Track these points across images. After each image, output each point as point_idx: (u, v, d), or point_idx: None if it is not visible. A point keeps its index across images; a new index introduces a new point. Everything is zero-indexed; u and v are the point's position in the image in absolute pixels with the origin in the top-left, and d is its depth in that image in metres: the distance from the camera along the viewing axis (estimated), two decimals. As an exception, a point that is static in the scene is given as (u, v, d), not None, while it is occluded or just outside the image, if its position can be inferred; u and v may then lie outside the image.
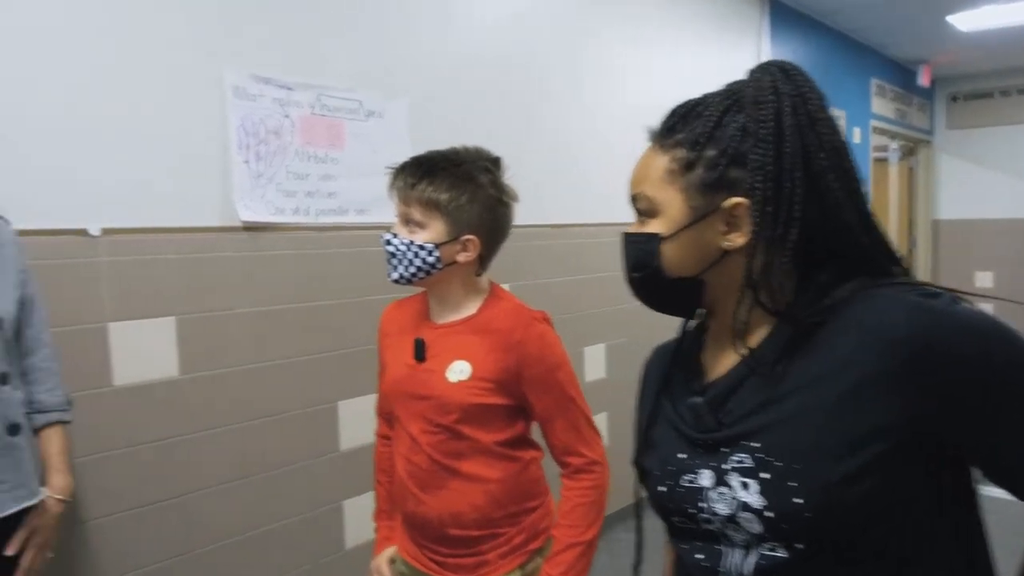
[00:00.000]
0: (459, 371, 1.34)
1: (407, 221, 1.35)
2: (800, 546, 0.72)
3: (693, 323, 0.91)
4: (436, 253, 1.32)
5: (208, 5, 2.05)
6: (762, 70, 0.79)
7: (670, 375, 0.90)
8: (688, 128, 0.80)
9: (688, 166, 0.79)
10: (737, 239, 0.78)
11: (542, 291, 3.05)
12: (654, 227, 0.82)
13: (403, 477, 1.41)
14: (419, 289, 1.46)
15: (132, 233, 1.93)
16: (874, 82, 6.05)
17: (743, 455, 0.76)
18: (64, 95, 1.80)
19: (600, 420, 2.68)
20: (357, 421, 2.39)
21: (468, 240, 1.34)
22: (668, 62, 3.74)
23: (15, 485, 1.40)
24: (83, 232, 1.84)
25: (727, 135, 0.78)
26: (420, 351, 1.38)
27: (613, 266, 3.37)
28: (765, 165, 0.75)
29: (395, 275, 1.36)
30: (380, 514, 1.59)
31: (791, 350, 0.76)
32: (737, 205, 0.77)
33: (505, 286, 2.93)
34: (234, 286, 2.13)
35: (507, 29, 2.92)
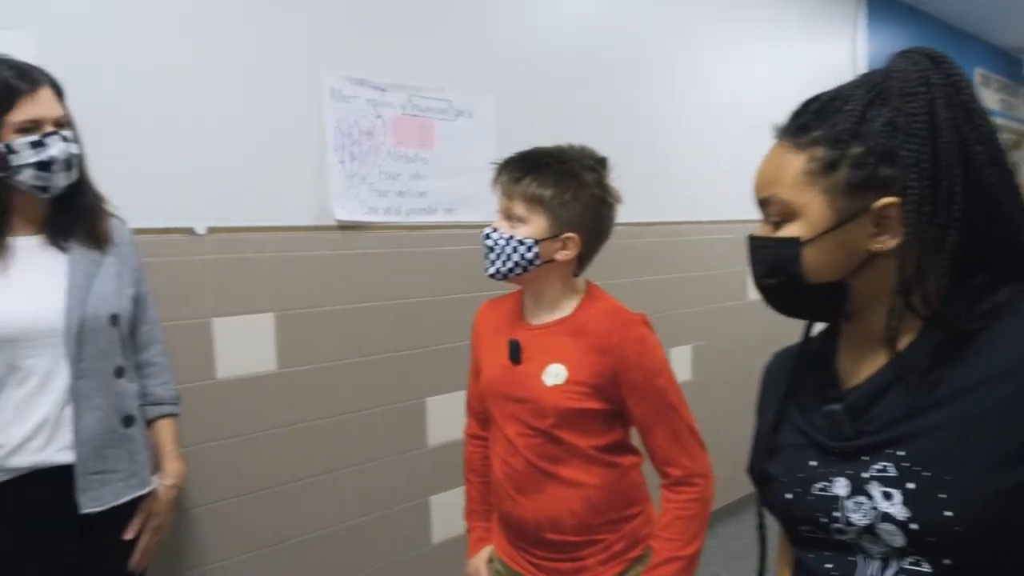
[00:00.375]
0: (555, 374, 1.32)
1: (509, 216, 1.33)
2: (947, 561, 0.69)
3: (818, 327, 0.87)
4: (535, 249, 1.30)
5: (306, 9, 2.10)
6: (906, 58, 0.74)
7: (796, 380, 0.86)
8: (826, 124, 0.76)
9: (830, 166, 0.75)
10: (888, 241, 0.74)
11: (626, 290, 2.99)
12: (792, 231, 0.77)
13: (500, 478, 1.40)
14: (512, 288, 1.45)
15: (234, 232, 2.00)
16: (978, 72, 5.72)
17: (886, 463, 0.73)
18: (173, 102, 1.88)
19: (687, 424, 2.61)
20: (445, 418, 2.42)
21: (569, 238, 1.32)
22: (760, 55, 3.62)
23: (129, 474, 1.46)
24: (190, 231, 1.92)
25: (873, 131, 0.73)
26: (515, 352, 1.37)
27: (699, 265, 3.33)
28: (920, 162, 0.70)
29: (492, 269, 1.35)
30: (472, 514, 1.58)
31: (943, 356, 0.72)
32: (888, 206, 0.72)
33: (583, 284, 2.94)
34: (328, 284, 2.18)
35: (594, 26, 2.89)
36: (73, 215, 1.45)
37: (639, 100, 3.06)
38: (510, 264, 1.32)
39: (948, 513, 0.67)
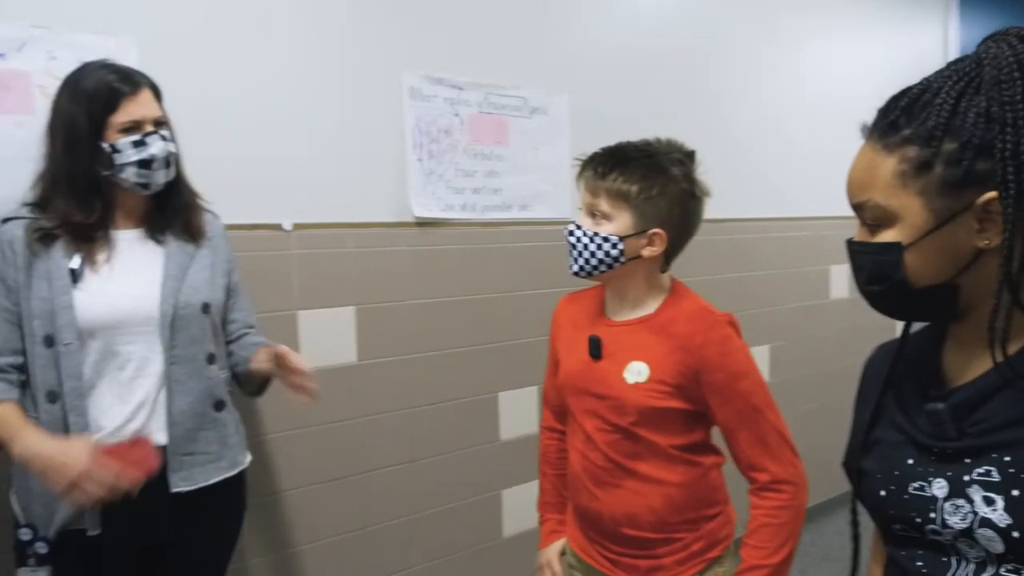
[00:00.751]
0: (637, 372, 1.30)
1: (593, 212, 1.31)
2: None
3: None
4: (620, 246, 1.28)
5: (388, 11, 2.15)
6: (998, 42, 0.70)
7: (896, 375, 0.84)
8: (916, 121, 0.72)
9: (923, 166, 0.71)
10: (994, 238, 0.70)
11: (701, 288, 2.96)
12: (891, 236, 0.75)
13: (578, 471, 1.40)
14: (589, 283, 1.43)
15: (318, 228, 2.07)
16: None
17: (990, 468, 0.71)
18: (262, 103, 1.96)
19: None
20: (517, 412, 2.44)
21: (655, 234, 1.29)
22: (844, 44, 3.49)
23: (218, 456, 1.53)
24: (278, 227, 2.00)
25: (968, 124, 0.69)
26: (596, 348, 1.36)
27: (778, 263, 3.25)
28: (1020, 153, 0.67)
29: (575, 267, 1.33)
30: (546, 506, 1.59)
31: None
32: (991, 201, 0.69)
33: (664, 283, 2.90)
34: (406, 279, 2.23)
35: (672, 20, 2.85)
36: (170, 210, 1.52)
37: (718, 94, 3.01)
38: (594, 262, 1.30)
39: None
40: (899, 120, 0.74)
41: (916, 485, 0.76)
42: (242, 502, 1.65)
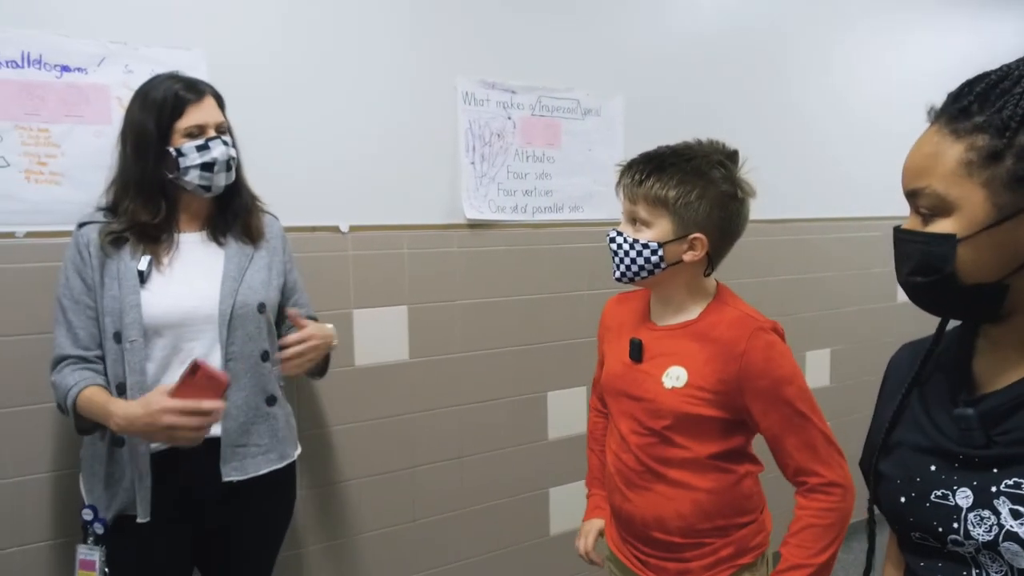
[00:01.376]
0: (675, 377, 1.31)
1: (633, 219, 1.32)
2: None
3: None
4: (660, 252, 1.29)
5: (443, 18, 2.20)
6: None
7: (924, 376, 0.82)
8: (991, 109, 0.68)
9: (993, 156, 0.68)
10: None
11: (759, 289, 2.92)
12: (946, 227, 0.71)
13: (612, 472, 1.43)
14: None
15: (373, 230, 2.14)
16: None
17: (1020, 480, 0.68)
18: (323, 112, 2.04)
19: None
20: (564, 412, 2.47)
21: (696, 239, 1.28)
22: (918, 36, 3.36)
23: (269, 449, 1.60)
24: (335, 229, 2.08)
25: None
26: (636, 352, 1.37)
27: (840, 264, 3.16)
28: None
29: (618, 273, 1.35)
30: (594, 481, 1.62)
31: None
32: None
33: (711, 282, 2.87)
34: (457, 279, 2.29)
35: (728, 18, 2.80)
36: (231, 213, 1.61)
37: (777, 94, 2.94)
38: (635, 268, 1.31)
39: None
40: (972, 106, 0.70)
41: (939, 493, 0.74)
42: (292, 492, 1.73)
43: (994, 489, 0.70)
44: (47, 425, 1.73)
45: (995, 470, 0.70)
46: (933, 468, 0.76)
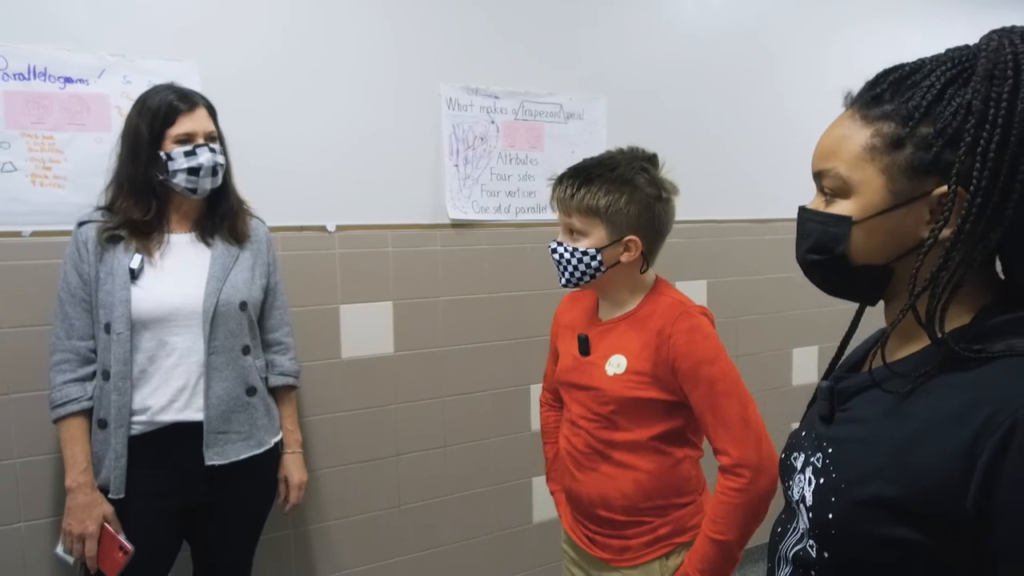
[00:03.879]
0: (616, 364, 1.41)
1: (570, 230, 1.41)
2: (826, 555, 0.75)
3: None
4: (599, 257, 1.38)
5: (426, 26, 2.31)
6: (1000, 37, 0.68)
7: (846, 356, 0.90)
8: (900, 98, 0.71)
9: (896, 143, 0.70)
10: (945, 231, 0.69)
11: (747, 288, 2.99)
12: (843, 208, 0.74)
13: (563, 455, 1.53)
14: None
15: (359, 229, 2.26)
16: None
17: (821, 454, 0.77)
18: (311, 118, 2.16)
19: (794, 426, 2.57)
20: (547, 405, 2.56)
21: (630, 240, 1.38)
22: (913, 47, 3.40)
23: (247, 436, 1.72)
24: (322, 228, 2.20)
25: (948, 112, 0.68)
26: (584, 347, 1.48)
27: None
28: (987, 152, 0.65)
29: (563, 280, 1.44)
30: (553, 477, 1.72)
31: (935, 374, 0.69)
32: (946, 194, 0.68)
33: (702, 282, 2.93)
34: (441, 276, 2.39)
35: (709, 23, 2.87)
36: (218, 216, 1.74)
37: (761, 95, 3.01)
38: (578, 274, 1.41)
39: (830, 515, 0.72)
40: (884, 94, 0.73)
41: (794, 455, 0.83)
42: (273, 477, 1.85)
43: (812, 458, 0.78)
44: (50, 410, 1.86)
45: (817, 441, 0.79)
46: (803, 433, 0.84)
